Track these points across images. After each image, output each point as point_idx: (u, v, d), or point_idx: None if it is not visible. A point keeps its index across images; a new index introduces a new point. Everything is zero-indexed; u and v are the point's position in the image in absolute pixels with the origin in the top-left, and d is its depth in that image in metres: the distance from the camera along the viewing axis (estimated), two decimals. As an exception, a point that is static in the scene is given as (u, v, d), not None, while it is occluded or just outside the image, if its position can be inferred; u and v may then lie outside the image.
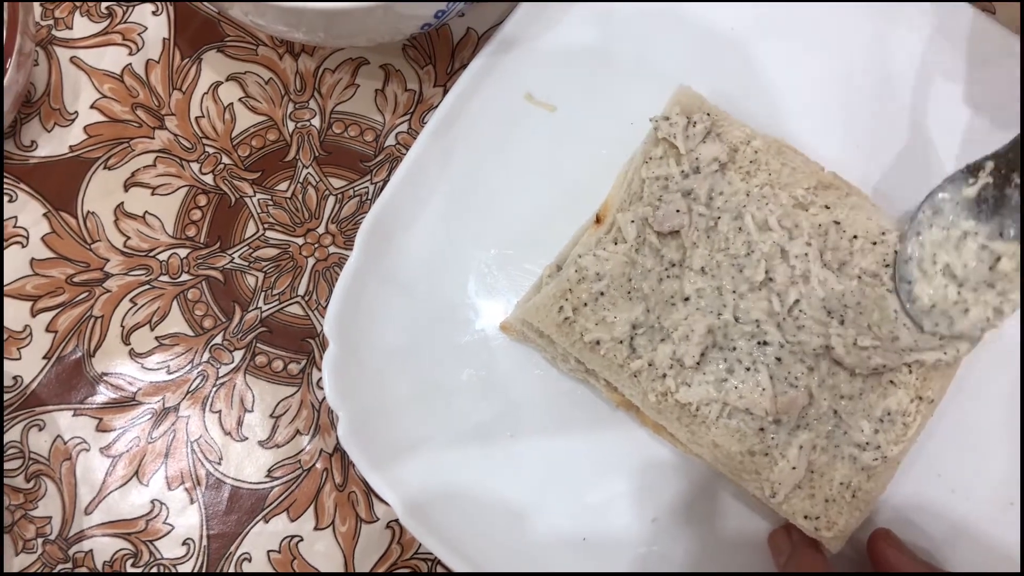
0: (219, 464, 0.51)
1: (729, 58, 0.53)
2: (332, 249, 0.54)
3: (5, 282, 0.52)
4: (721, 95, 0.50)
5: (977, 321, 0.45)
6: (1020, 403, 0.49)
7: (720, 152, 0.48)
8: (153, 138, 0.54)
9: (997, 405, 0.50)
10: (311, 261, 0.54)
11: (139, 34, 0.55)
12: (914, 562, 0.45)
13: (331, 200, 0.54)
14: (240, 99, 0.55)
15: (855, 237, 0.48)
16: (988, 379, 0.49)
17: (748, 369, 0.46)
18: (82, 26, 0.55)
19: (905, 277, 0.46)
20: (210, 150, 0.54)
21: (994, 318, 0.45)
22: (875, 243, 0.48)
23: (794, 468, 0.45)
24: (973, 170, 0.46)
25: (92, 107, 0.54)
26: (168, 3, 0.55)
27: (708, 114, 0.49)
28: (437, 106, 0.51)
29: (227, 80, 0.55)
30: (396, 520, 0.49)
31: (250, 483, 0.51)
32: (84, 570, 0.50)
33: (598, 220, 0.49)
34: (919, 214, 0.46)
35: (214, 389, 0.52)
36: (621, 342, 0.47)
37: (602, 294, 0.47)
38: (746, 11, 0.53)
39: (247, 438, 0.52)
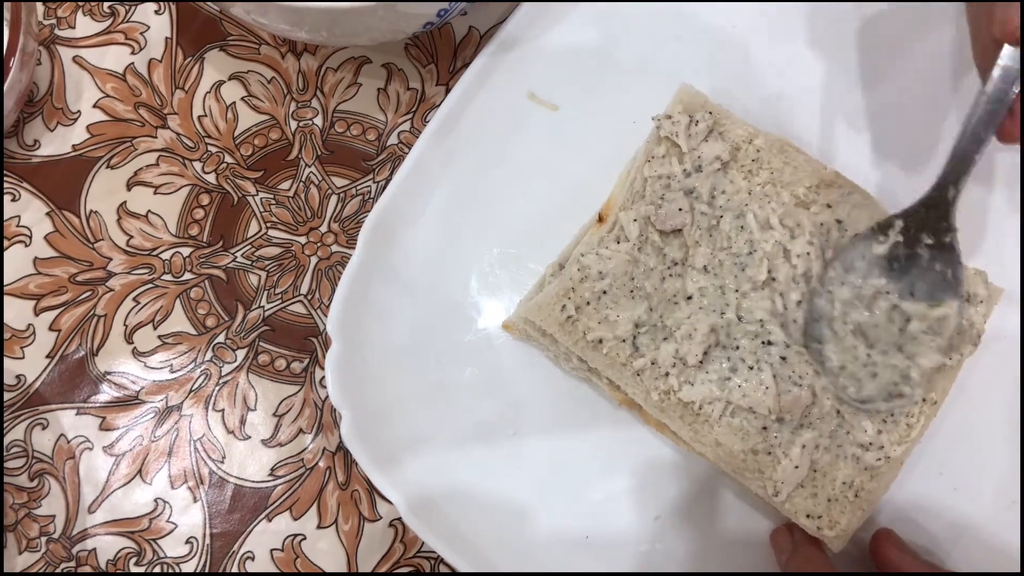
0: (222, 463, 0.51)
1: (731, 57, 0.53)
2: (335, 248, 0.54)
3: (8, 281, 0.52)
4: (723, 94, 0.50)
5: (885, 386, 0.45)
6: (1021, 403, 0.49)
7: (722, 151, 0.48)
8: (156, 137, 0.54)
9: (1000, 405, 0.50)
10: (314, 260, 0.54)
11: (141, 33, 0.55)
12: (916, 562, 0.45)
13: (333, 199, 0.54)
14: (243, 98, 0.55)
15: (857, 235, 0.48)
16: (991, 379, 0.49)
17: (751, 368, 0.46)
18: (85, 25, 0.55)
19: (815, 338, 0.45)
20: (213, 149, 0.54)
21: (902, 383, 0.44)
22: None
23: (797, 467, 0.45)
24: (883, 228, 0.45)
25: (95, 106, 0.54)
26: (170, 2, 0.55)
27: (710, 112, 0.49)
28: (439, 105, 0.51)
29: (229, 79, 0.55)
30: (399, 518, 0.49)
31: (253, 482, 0.51)
32: (88, 568, 0.50)
33: (600, 219, 0.49)
34: (829, 271, 0.46)
35: (217, 388, 0.52)
36: (624, 341, 0.47)
37: (605, 293, 0.47)
38: (748, 10, 0.53)
39: (250, 437, 0.52)
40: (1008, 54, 0.40)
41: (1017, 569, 0.47)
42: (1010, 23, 0.38)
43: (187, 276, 0.53)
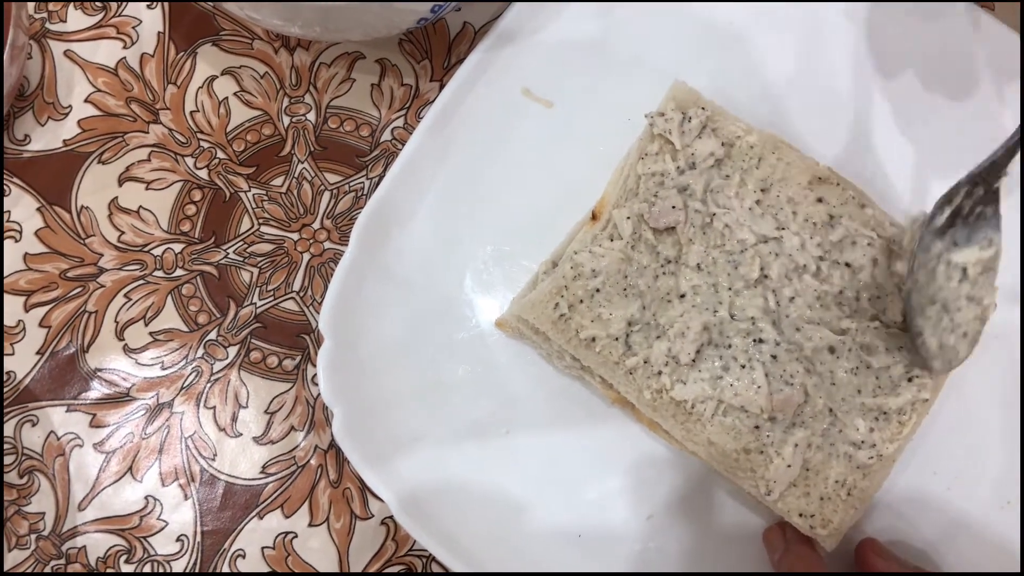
0: (213, 460, 0.51)
1: (726, 53, 0.53)
2: (327, 245, 0.54)
3: (-2, 277, 0.52)
4: (718, 90, 0.50)
5: (973, 336, 0.45)
6: (1020, 402, 0.49)
7: (716, 147, 0.48)
8: (147, 132, 0.54)
9: (994, 403, 0.50)
10: (306, 257, 0.54)
11: (133, 27, 0.55)
12: (900, 565, 0.45)
13: (326, 195, 0.54)
14: (235, 93, 0.55)
15: (850, 232, 0.47)
16: (984, 377, 0.49)
17: (744, 367, 0.46)
18: (76, 19, 0.55)
19: (917, 331, 0.45)
20: (205, 145, 0.54)
21: (981, 326, 0.45)
22: (869, 239, 0.47)
23: (789, 466, 0.45)
24: (948, 198, 0.45)
25: (86, 101, 0.54)
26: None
27: (703, 109, 0.49)
28: (433, 101, 0.51)
29: (222, 74, 0.55)
30: (391, 517, 0.49)
31: (244, 479, 0.51)
32: (78, 566, 0.50)
33: (594, 217, 0.48)
34: (908, 280, 0.45)
35: (208, 385, 0.52)
36: (617, 339, 0.46)
37: (598, 291, 0.47)
38: (743, 6, 0.53)
39: (241, 434, 0.51)
40: None
41: (1013, 568, 0.47)
42: None
43: (179, 272, 0.53)
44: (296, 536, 0.50)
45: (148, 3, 0.55)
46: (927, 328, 0.45)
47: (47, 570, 0.49)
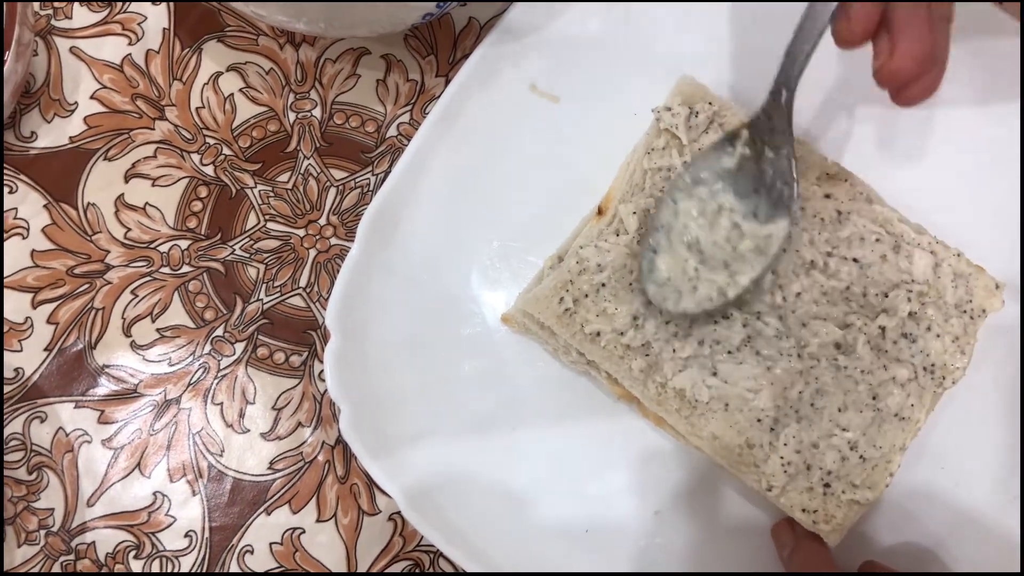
0: (221, 456, 0.51)
1: (733, 48, 0.53)
2: (333, 241, 0.54)
3: (6, 274, 0.52)
4: (725, 85, 0.50)
5: (701, 300, 0.44)
6: (1021, 402, 0.49)
7: (723, 143, 0.48)
8: (153, 129, 0.54)
9: (1002, 399, 0.49)
10: (312, 253, 0.54)
11: (139, 24, 0.55)
12: None
13: (332, 191, 0.54)
14: (241, 89, 0.55)
15: (858, 228, 0.47)
16: (994, 373, 0.49)
17: (747, 360, 0.46)
18: (81, 15, 0.55)
19: (651, 246, 0.44)
20: (211, 141, 0.54)
21: (716, 298, 0.44)
22: (878, 235, 0.47)
23: (789, 461, 0.45)
24: (731, 139, 0.44)
25: (92, 97, 0.54)
26: (168, -6, 0.55)
27: (710, 103, 0.48)
28: (439, 96, 0.51)
29: (227, 70, 0.55)
30: (398, 512, 0.49)
31: (252, 475, 0.51)
32: (87, 561, 0.50)
33: (600, 212, 0.48)
34: (679, 180, 0.44)
35: (216, 381, 0.52)
36: (622, 334, 0.46)
37: (603, 285, 0.47)
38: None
39: (249, 430, 0.52)
40: None
41: (1018, 564, 0.47)
42: None
43: (185, 269, 0.53)
44: (304, 532, 0.51)
45: (153, 0, 0.55)
46: (665, 252, 0.44)
47: (56, 566, 0.50)
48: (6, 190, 0.53)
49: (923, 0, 0.39)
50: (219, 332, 0.53)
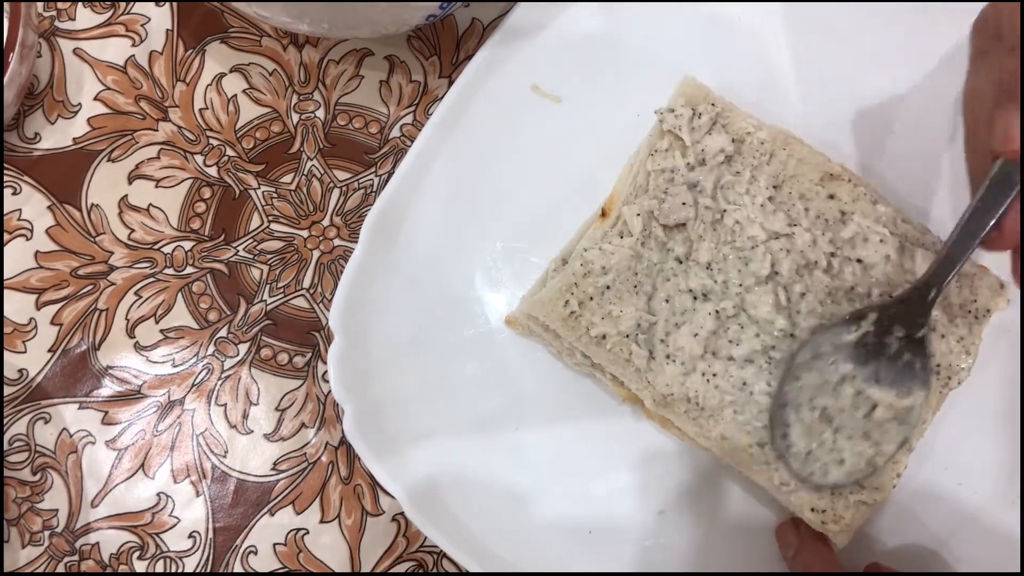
0: (224, 457, 0.51)
1: (735, 48, 0.53)
2: (337, 242, 0.54)
3: (10, 275, 0.52)
4: (728, 86, 0.50)
5: (852, 471, 0.44)
6: (1021, 401, 0.49)
7: (726, 144, 0.48)
8: (157, 130, 0.54)
9: (1005, 398, 0.49)
10: (316, 254, 0.54)
11: (142, 25, 0.55)
12: None
13: (336, 192, 0.54)
14: (244, 91, 0.55)
15: (862, 228, 0.47)
16: (1000, 373, 0.49)
17: (753, 361, 0.46)
18: (85, 17, 0.55)
19: (782, 420, 0.45)
20: (214, 142, 0.54)
21: (866, 469, 0.44)
22: (881, 235, 0.47)
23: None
24: (857, 318, 0.45)
25: (95, 99, 0.54)
26: (172, -4, 0.55)
27: (713, 105, 0.48)
28: (442, 98, 0.51)
29: (231, 71, 0.55)
30: (402, 513, 0.49)
31: (256, 476, 0.51)
32: (91, 562, 0.50)
33: (604, 214, 0.48)
34: (798, 356, 0.45)
35: (219, 382, 0.52)
36: (627, 336, 0.46)
37: (608, 288, 0.47)
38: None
39: (252, 431, 0.52)
40: (1001, 166, 0.39)
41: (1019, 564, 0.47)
42: (1011, 138, 0.37)
43: (189, 270, 0.53)
44: (307, 532, 0.51)
45: (156, 1, 0.55)
46: (796, 426, 0.44)
47: (60, 566, 0.50)
48: (10, 191, 0.53)
49: None
50: (223, 333, 0.53)
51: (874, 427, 0.44)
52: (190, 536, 0.50)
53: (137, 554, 0.50)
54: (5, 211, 0.53)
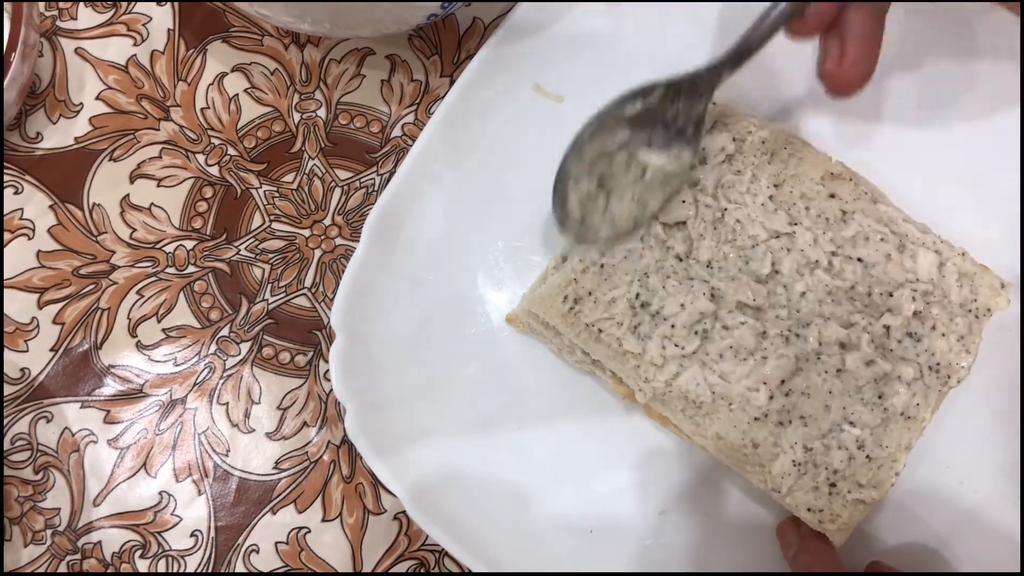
0: (226, 456, 0.51)
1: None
2: (339, 241, 0.54)
3: (12, 275, 0.52)
4: (729, 85, 0.50)
5: (620, 230, 0.46)
6: (1021, 400, 0.49)
7: (727, 143, 0.48)
8: (158, 129, 0.54)
9: (1006, 397, 0.49)
10: (318, 253, 0.54)
11: (144, 24, 0.55)
12: None
13: (337, 192, 0.54)
14: (245, 90, 0.55)
15: (863, 227, 0.47)
16: (997, 371, 0.49)
17: (748, 356, 0.46)
18: (86, 16, 0.55)
19: (561, 192, 0.46)
20: (216, 141, 0.54)
21: (633, 230, 0.46)
22: (882, 234, 0.47)
23: (794, 460, 0.45)
24: (644, 93, 0.45)
25: (97, 98, 0.54)
26: (173, -5, 0.55)
27: (715, 104, 0.48)
28: (444, 97, 0.51)
29: (232, 71, 0.55)
30: (403, 512, 0.49)
31: (257, 475, 0.51)
32: (93, 561, 0.50)
33: (605, 212, 0.48)
34: (583, 133, 0.45)
35: (221, 381, 0.52)
36: (621, 324, 0.46)
37: (605, 280, 0.47)
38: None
39: (254, 430, 0.52)
40: None
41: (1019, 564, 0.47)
42: None
43: (191, 269, 0.53)
44: (309, 531, 0.51)
45: (158, 1, 0.55)
46: (574, 194, 0.45)
47: (63, 565, 0.50)
48: (12, 191, 0.53)
49: (878, 11, 0.41)
50: (224, 332, 0.53)
51: (644, 188, 0.46)
52: (192, 535, 0.51)
53: (139, 553, 0.50)
54: (7, 211, 0.53)
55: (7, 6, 0.49)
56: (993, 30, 0.51)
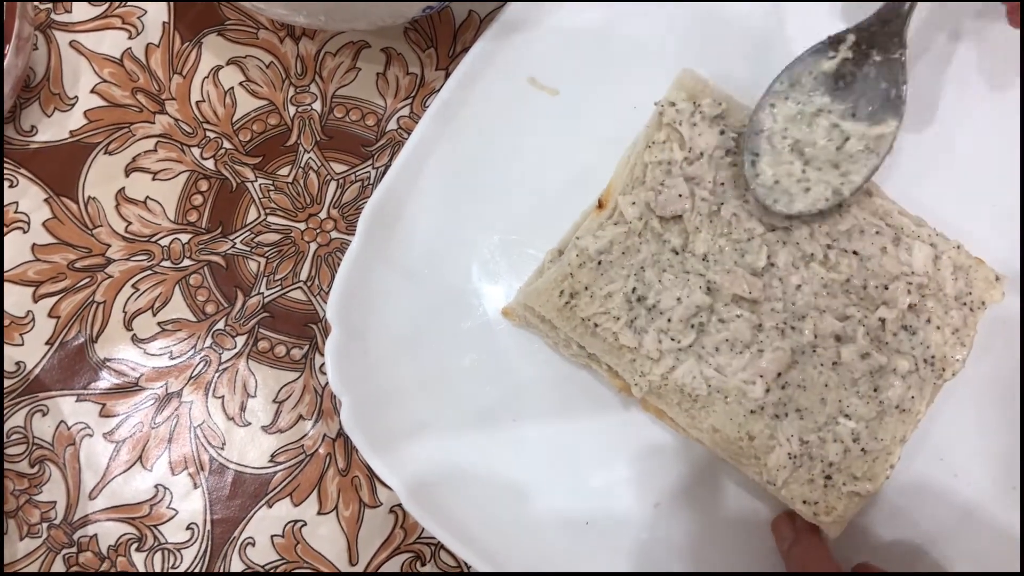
0: (222, 449, 0.51)
1: (734, 40, 0.53)
2: (334, 234, 0.54)
3: (7, 268, 0.52)
4: (725, 78, 0.50)
5: (816, 200, 0.45)
6: (1020, 395, 0.49)
7: (724, 138, 0.48)
8: (154, 123, 0.54)
9: (1001, 390, 0.49)
10: (313, 246, 0.54)
11: (139, 17, 0.55)
12: None
13: (333, 185, 0.54)
14: (241, 83, 0.55)
15: (858, 220, 0.47)
16: (992, 364, 0.49)
17: (743, 350, 0.46)
18: (81, 10, 0.55)
19: (752, 150, 0.45)
20: (211, 135, 0.54)
21: (832, 198, 0.45)
22: (878, 227, 0.47)
23: (789, 454, 0.45)
24: (834, 43, 0.44)
25: (92, 92, 0.54)
26: (168, -13, 0.55)
27: (719, 102, 0.48)
28: (439, 90, 0.51)
29: (228, 64, 0.55)
30: (399, 505, 0.49)
31: (253, 468, 0.51)
32: (89, 554, 0.50)
33: (600, 205, 0.48)
34: (775, 84, 0.45)
35: (217, 374, 0.52)
36: (617, 318, 0.46)
37: (602, 275, 0.47)
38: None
39: (250, 423, 0.52)
40: None
41: (1018, 554, 0.47)
42: None
43: (186, 262, 0.53)
44: (305, 524, 0.51)
45: (153, -6, 0.55)
46: (767, 155, 0.45)
47: (58, 558, 0.50)
48: (7, 184, 0.53)
49: None
50: (220, 325, 0.53)
51: (844, 158, 0.45)
52: (188, 528, 0.51)
53: (135, 546, 0.50)
54: (2, 204, 0.53)
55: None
56: (990, 26, 0.51)
